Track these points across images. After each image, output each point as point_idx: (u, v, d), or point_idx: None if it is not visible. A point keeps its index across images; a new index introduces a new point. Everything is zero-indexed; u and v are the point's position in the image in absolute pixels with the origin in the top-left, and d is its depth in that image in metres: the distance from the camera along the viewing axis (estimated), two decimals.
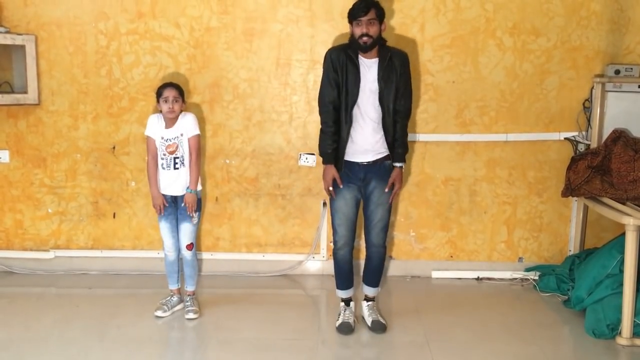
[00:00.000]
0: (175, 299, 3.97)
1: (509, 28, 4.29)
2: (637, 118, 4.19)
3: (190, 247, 3.86)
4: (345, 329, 3.68)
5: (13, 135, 4.46)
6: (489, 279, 4.54)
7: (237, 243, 4.58)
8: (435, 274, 4.56)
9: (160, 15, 4.31)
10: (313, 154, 4.42)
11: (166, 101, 3.67)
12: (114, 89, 4.39)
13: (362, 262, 3.89)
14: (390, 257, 4.57)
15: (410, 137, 4.33)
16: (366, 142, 3.54)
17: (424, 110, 4.37)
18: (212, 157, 4.45)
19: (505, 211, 4.50)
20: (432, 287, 4.43)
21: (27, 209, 4.55)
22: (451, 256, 4.57)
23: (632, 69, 4.18)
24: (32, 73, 4.29)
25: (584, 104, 4.34)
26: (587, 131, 4.33)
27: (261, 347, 3.50)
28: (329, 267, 4.54)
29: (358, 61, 3.49)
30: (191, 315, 3.85)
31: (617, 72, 4.17)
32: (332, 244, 3.78)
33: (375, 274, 3.78)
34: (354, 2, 3.52)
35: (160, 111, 3.73)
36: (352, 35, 3.50)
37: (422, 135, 4.39)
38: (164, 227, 3.84)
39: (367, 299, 3.85)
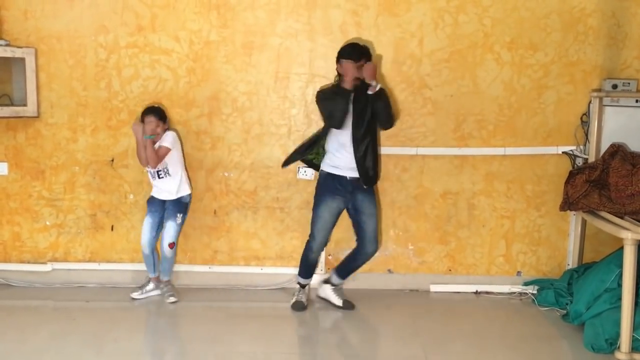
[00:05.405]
0: (151, 285, 4.36)
1: (506, 43, 4.31)
2: (634, 132, 4.20)
3: (171, 245, 4.25)
4: (299, 306, 4.15)
5: (12, 147, 4.46)
6: (487, 292, 4.53)
7: (235, 256, 4.57)
8: (434, 288, 4.55)
9: (159, 28, 4.33)
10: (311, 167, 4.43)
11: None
12: (113, 101, 4.40)
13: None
14: (389, 270, 4.56)
15: (408, 151, 4.40)
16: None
17: (422, 123, 4.39)
18: (211, 170, 4.46)
19: (503, 225, 4.50)
20: (430, 300, 4.41)
21: (25, 221, 4.54)
22: (449, 270, 4.57)
23: (629, 83, 4.19)
24: (31, 86, 4.30)
25: (581, 118, 4.35)
26: (585, 145, 4.34)
27: None
28: None
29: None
30: (172, 299, 4.26)
31: (615, 86, 4.19)
32: (309, 243, 4.12)
33: (353, 271, 4.24)
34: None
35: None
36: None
37: (421, 148, 4.39)
38: (147, 222, 4.26)
39: (333, 285, 4.27)
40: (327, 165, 4.03)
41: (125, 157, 4.44)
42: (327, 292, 4.26)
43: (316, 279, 4.36)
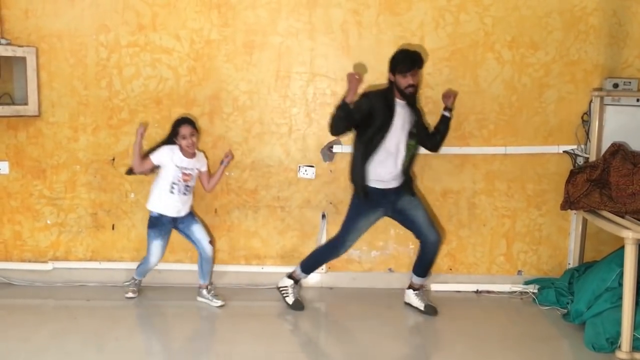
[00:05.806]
0: (137, 282, 4.38)
1: (507, 42, 4.31)
2: (635, 131, 4.20)
3: (212, 242, 4.32)
4: (299, 306, 4.17)
5: (13, 146, 4.46)
6: (488, 292, 4.53)
7: (235, 255, 4.58)
8: (435, 287, 4.55)
9: (160, 27, 4.33)
10: (312, 166, 4.43)
11: (185, 137, 4.03)
12: (114, 100, 4.40)
13: None
14: (390, 269, 4.56)
15: None
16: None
17: None
18: (212, 169, 4.45)
19: (504, 224, 4.50)
20: (431, 299, 4.41)
21: (26, 220, 4.55)
22: (450, 269, 4.57)
23: (630, 82, 4.19)
24: (32, 85, 4.30)
25: (582, 117, 4.35)
26: (585, 144, 4.34)
27: None
28: (328, 279, 4.55)
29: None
30: (220, 303, 4.22)
31: (616, 85, 4.19)
32: (337, 248, 4.12)
33: (430, 266, 4.19)
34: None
35: (175, 143, 4.08)
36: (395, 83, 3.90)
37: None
38: (158, 245, 4.17)
39: (415, 288, 4.23)
40: (371, 181, 3.94)
41: (126, 156, 4.44)
42: (411, 297, 4.24)
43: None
